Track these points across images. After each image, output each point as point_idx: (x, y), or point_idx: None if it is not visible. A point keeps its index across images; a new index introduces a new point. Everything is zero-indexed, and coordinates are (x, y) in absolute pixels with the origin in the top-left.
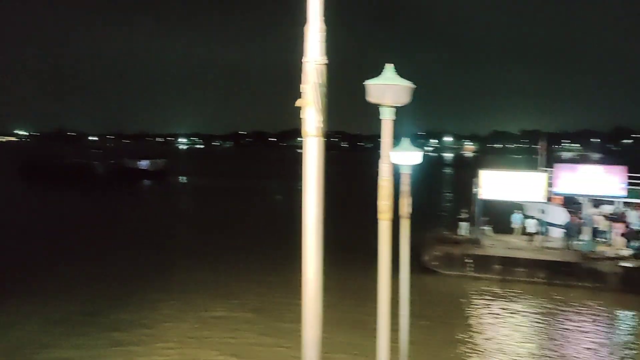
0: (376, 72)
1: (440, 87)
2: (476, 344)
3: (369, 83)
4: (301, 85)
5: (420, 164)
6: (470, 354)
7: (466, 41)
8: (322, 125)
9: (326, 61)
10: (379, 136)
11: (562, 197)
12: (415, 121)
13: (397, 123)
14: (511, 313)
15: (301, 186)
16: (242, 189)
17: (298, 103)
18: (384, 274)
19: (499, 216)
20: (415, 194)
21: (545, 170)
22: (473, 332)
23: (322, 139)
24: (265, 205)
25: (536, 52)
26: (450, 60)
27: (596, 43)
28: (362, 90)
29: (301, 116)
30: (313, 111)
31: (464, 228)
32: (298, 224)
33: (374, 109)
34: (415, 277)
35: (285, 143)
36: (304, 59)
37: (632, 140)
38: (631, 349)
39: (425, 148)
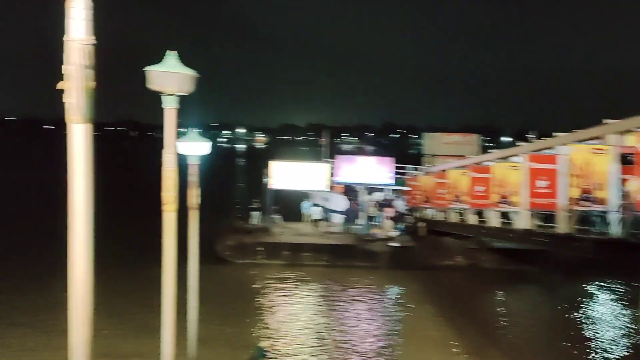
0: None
1: (235, 79)
2: (269, 327)
3: (150, 70)
4: (64, 67)
5: (214, 155)
6: (263, 337)
7: (260, 36)
8: (89, 110)
9: (93, 41)
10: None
11: (342, 186)
12: (208, 112)
13: (188, 113)
14: (300, 295)
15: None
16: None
17: (60, 85)
18: (169, 267)
19: (289, 205)
20: (208, 184)
21: (328, 161)
22: (265, 316)
23: (89, 126)
24: (33, 200)
25: (322, 49)
26: (245, 54)
27: (373, 45)
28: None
29: (64, 100)
30: (78, 95)
31: (255, 217)
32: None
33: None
34: (208, 268)
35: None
36: (65, 38)
37: (398, 135)
38: (399, 320)
39: (219, 139)
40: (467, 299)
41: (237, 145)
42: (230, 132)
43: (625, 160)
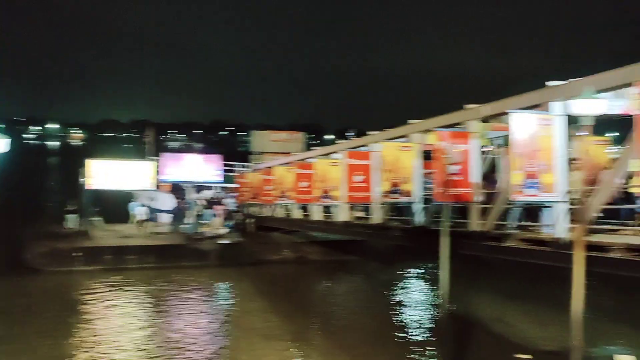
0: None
1: (47, 71)
2: (91, 340)
3: None
4: None
5: (19, 152)
6: (84, 351)
7: (76, 26)
8: None
9: None
10: None
11: (169, 184)
12: (13, 106)
13: None
14: (125, 301)
15: None
16: None
17: None
18: None
19: (113, 206)
20: (13, 186)
21: (153, 159)
22: (87, 327)
23: None
24: None
25: (146, 44)
26: (58, 46)
27: (200, 42)
28: None
29: None
30: None
31: (71, 220)
32: None
33: None
34: (14, 279)
35: None
36: None
37: (227, 132)
38: (229, 316)
39: (26, 135)
40: (294, 290)
41: (48, 142)
42: (40, 128)
43: (427, 156)
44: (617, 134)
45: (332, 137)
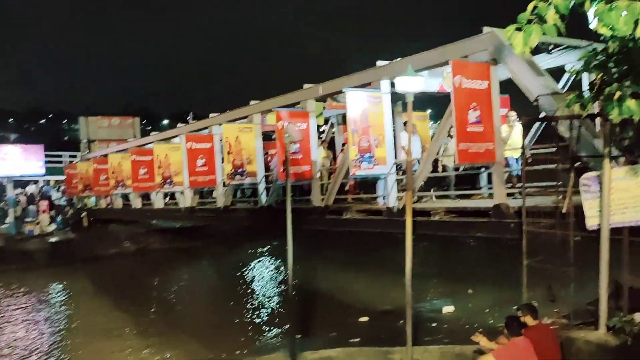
0: None
1: None
2: None
3: None
4: None
5: None
6: None
7: None
8: None
9: None
10: None
11: None
12: None
13: None
14: None
15: None
16: None
17: None
18: None
19: None
20: None
21: None
22: None
23: None
24: None
25: None
26: None
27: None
28: None
29: None
30: None
31: None
32: None
33: None
34: None
35: None
36: None
37: (44, 121)
38: (64, 318)
39: None
40: (135, 283)
41: None
42: None
43: (268, 137)
44: (430, 110)
45: (169, 121)
